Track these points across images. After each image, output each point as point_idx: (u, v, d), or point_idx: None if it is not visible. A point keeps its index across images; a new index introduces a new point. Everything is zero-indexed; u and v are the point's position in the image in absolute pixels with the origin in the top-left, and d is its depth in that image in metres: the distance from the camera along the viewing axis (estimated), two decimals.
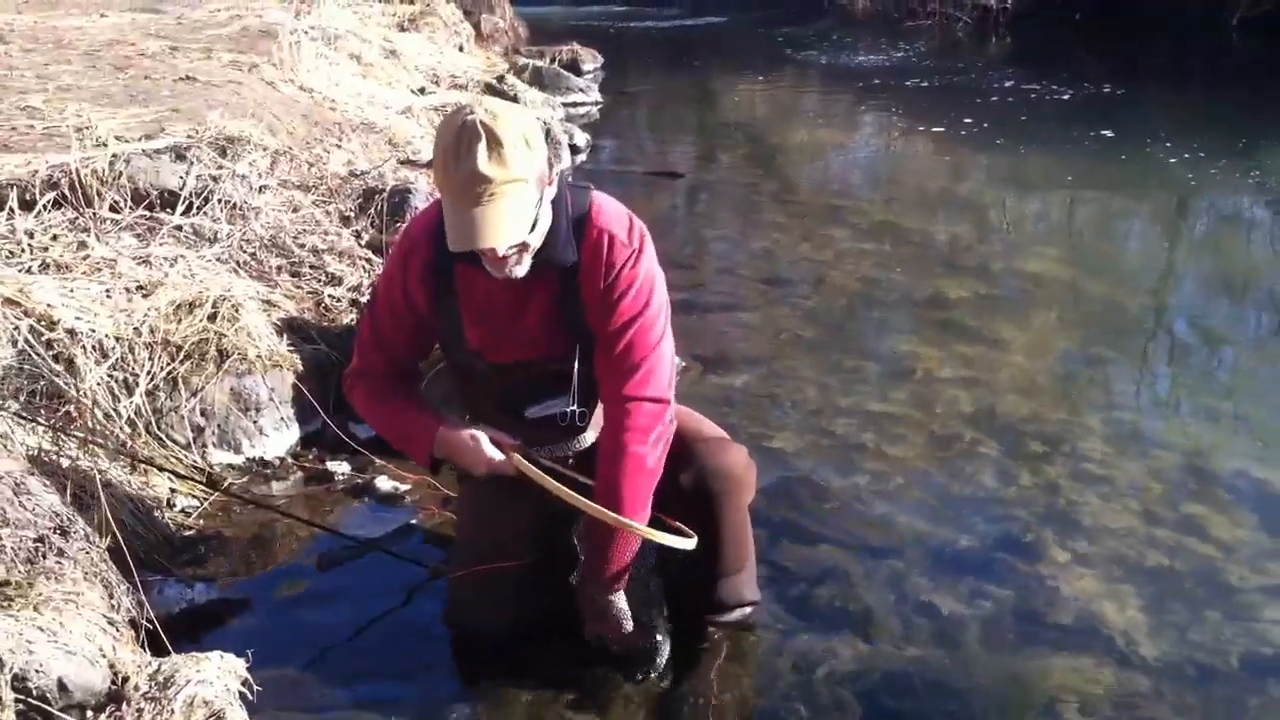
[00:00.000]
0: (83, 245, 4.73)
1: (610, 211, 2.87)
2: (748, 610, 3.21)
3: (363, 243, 5.45)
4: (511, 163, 2.52)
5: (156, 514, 3.79)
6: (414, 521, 3.97)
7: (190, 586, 3.44)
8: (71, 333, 4.19)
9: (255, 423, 4.40)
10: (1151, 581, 3.65)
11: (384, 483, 4.17)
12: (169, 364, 4.32)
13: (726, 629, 3.23)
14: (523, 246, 2.68)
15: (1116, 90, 14.76)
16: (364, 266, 5.28)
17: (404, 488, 4.16)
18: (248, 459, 4.38)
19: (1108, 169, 10.13)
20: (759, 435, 4.64)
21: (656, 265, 2.90)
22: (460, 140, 2.52)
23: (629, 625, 2.97)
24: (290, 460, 4.43)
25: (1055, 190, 9.62)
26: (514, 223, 2.59)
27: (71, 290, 4.39)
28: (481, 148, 2.50)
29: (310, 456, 4.46)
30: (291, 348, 4.60)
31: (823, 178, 10.75)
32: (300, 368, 4.56)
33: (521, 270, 2.75)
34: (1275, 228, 8.56)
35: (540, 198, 2.66)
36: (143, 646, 2.75)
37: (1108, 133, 11.52)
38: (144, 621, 2.85)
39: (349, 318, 4.94)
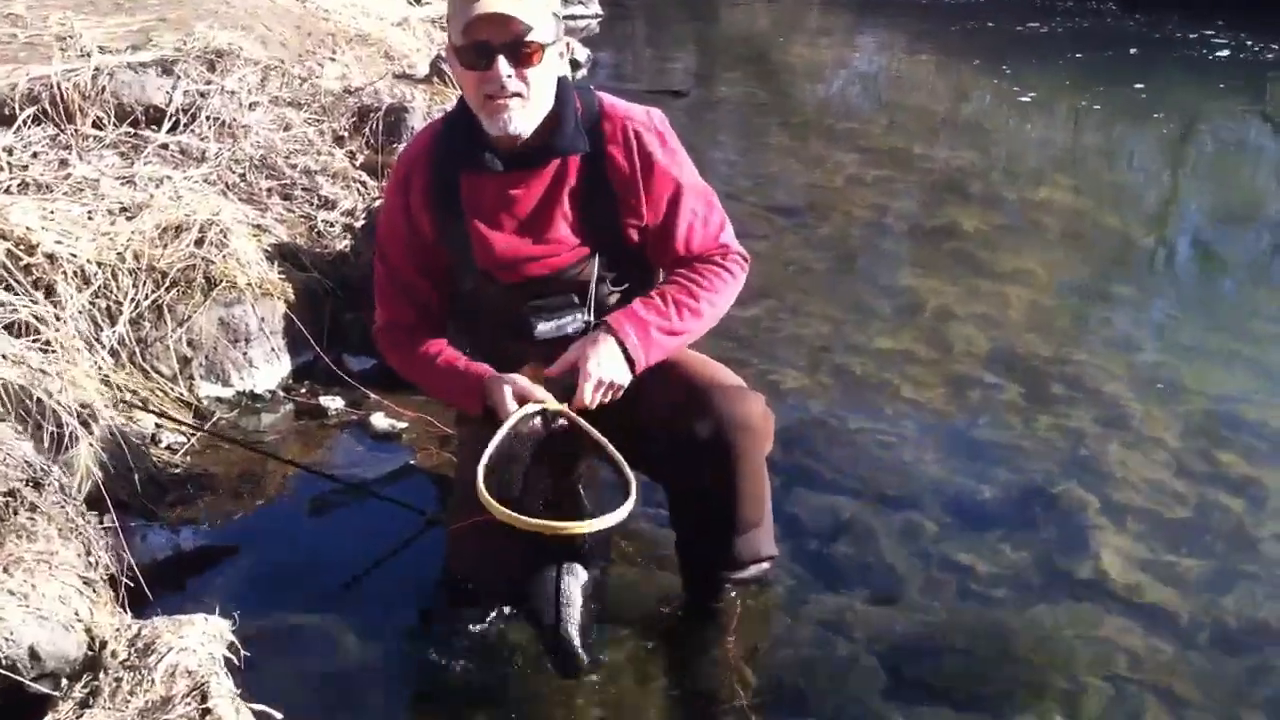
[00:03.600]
0: (64, 164, 4.51)
1: (623, 103, 2.78)
2: (765, 566, 3.04)
3: (357, 164, 5.22)
4: None
5: (141, 452, 3.59)
6: (412, 462, 3.80)
7: (176, 532, 3.27)
8: (51, 257, 3.97)
9: (244, 354, 4.21)
10: (1181, 537, 3.49)
11: (380, 420, 3.99)
12: (154, 291, 4.11)
13: (742, 586, 3.07)
14: (523, 77, 2.53)
15: (1132, 16, 14.40)
16: (359, 190, 5.06)
17: (401, 425, 3.98)
18: (237, 392, 4.20)
19: (1120, 93, 9.86)
20: (767, 372, 4.47)
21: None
22: None
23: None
24: (281, 394, 4.25)
25: (1064, 115, 9.40)
26: (530, 6, 2.48)
27: (51, 212, 4.17)
28: None
29: (302, 390, 4.28)
30: (283, 275, 4.39)
31: (826, 98, 10.50)
32: (292, 296, 4.36)
33: (521, 124, 2.58)
34: None
35: (555, 38, 2.56)
36: (123, 605, 2.58)
37: (1120, 56, 11.21)
38: (124, 576, 2.67)
39: (343, 243, 4.72)
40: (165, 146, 4.80)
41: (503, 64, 2.49)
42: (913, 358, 4.69)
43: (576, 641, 2.49)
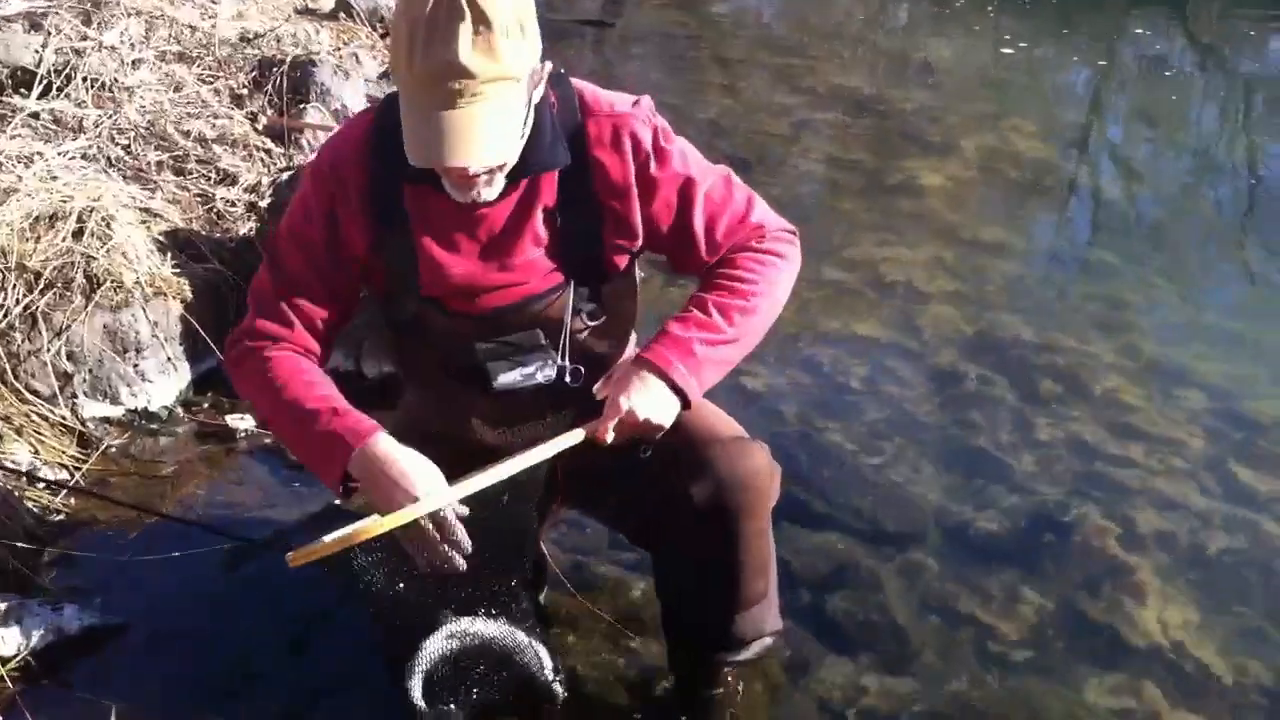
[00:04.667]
0: None
1: (606, 95, 2.23)
2: (768, 642, 2.60)
3: (259, 127, 4.60)
4: (502, 53, 1.87)
5: (12, 500, 3.04)
6: (337, 501, 3.25)
7: (58, 610, 2.71)
8: None
9: (136, 366, 3.64)
10: (1216, 573, 3.13)
11: None
12: (25, 296, 3.52)
13: (741, 665, 2.62)
14: (499, 166, 2.04)
15: None
16: (262, 160, 4.45)
17: None
18: (128, 411, 3.64)
19: (1054, 28, 9.45)
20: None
21: None
22: (435, 18, 1.84)
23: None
24: (180, 411, 3.69)
25: (1023, 52, 8.92)
26: (498, 134, 1.95)
27: None
28: (464, 30, 1.83)
29: (205, 406, 3.73)
30: (177, 269, 3.81)
31: (762, 27, 9.92)
32: (189, 295, 3.78)
33: (492, 192, 2.10)
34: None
35: (529, 101, 2.02)
36: None
37: None
38: None
39: (246, 227, 4.14)
40: (36, 116, 4.16)
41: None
42: (888, 348, 4.26)
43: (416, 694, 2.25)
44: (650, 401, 2.16)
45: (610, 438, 2.16)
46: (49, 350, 3.50)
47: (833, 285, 4.74)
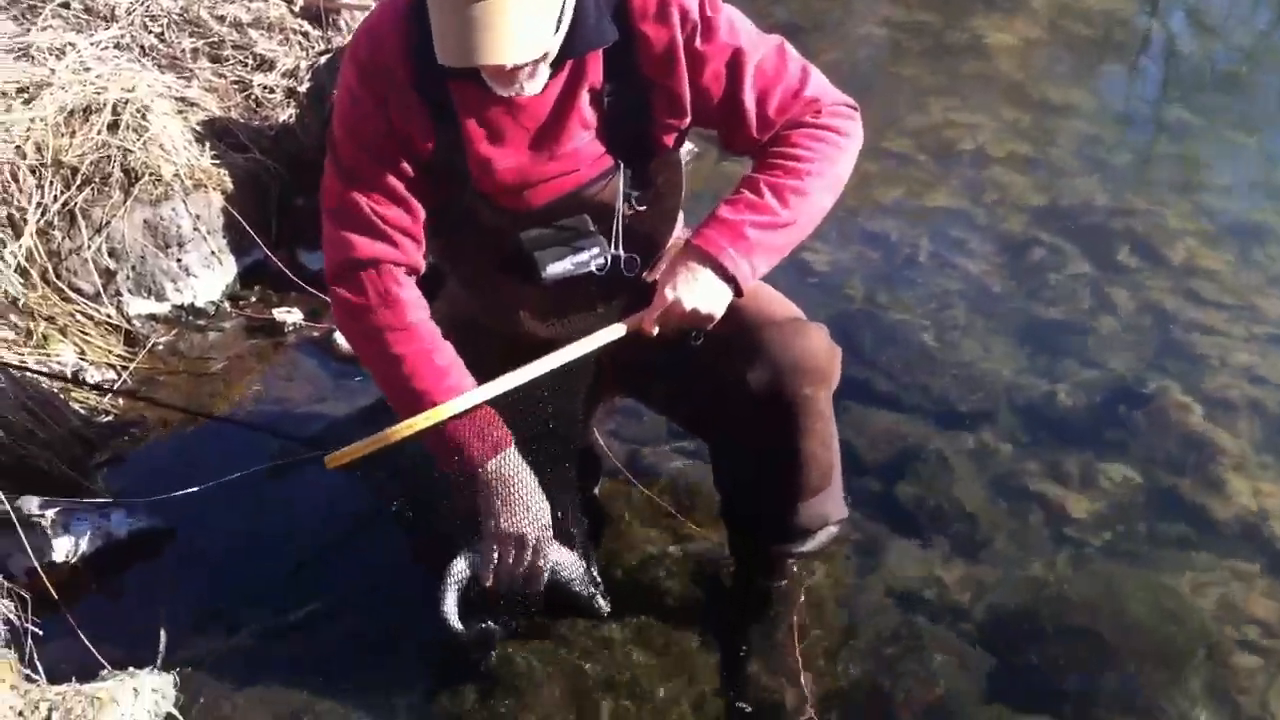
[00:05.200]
0: None
1: None
2: (833, 531, 2.51)
3: (296, 9, 4.43)
4: None
5: (59, 401, 2.98)
6: None
7: (105, 515, 2.67)
8: None
9: (179, 261, 3.56)
10: None
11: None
12: (63, 192, 3.44)
13: (805, 556, 2.52)
14: (542, 55, 1.89)
15: None
16: (299, 43, 4.28)
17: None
18: (174, 307, 3.57)
19: None
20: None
21: None
22: None
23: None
24: (228, 306, 3.61)
25: None
26: (533, 25, 1.80)
27: None
28: None
29: (253, 300, 3.65)
30: (217, 159, 3.70)
31: None
32: (230, 185, 3.68)
33: (536, 85, 1.98)
34: None
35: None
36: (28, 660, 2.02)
37: None
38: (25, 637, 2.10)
39: (286, 113, 4.01)
40: (66, 5, 4.02)
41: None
42: (955, 218, 4.07)
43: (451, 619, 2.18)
44: (699, 290, 2.03)
45: (656, 330, 2.06)
46: (90, 247, 3.42)
47: (896, 155, 4.52)
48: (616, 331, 2.06)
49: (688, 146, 2.54)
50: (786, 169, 2.07)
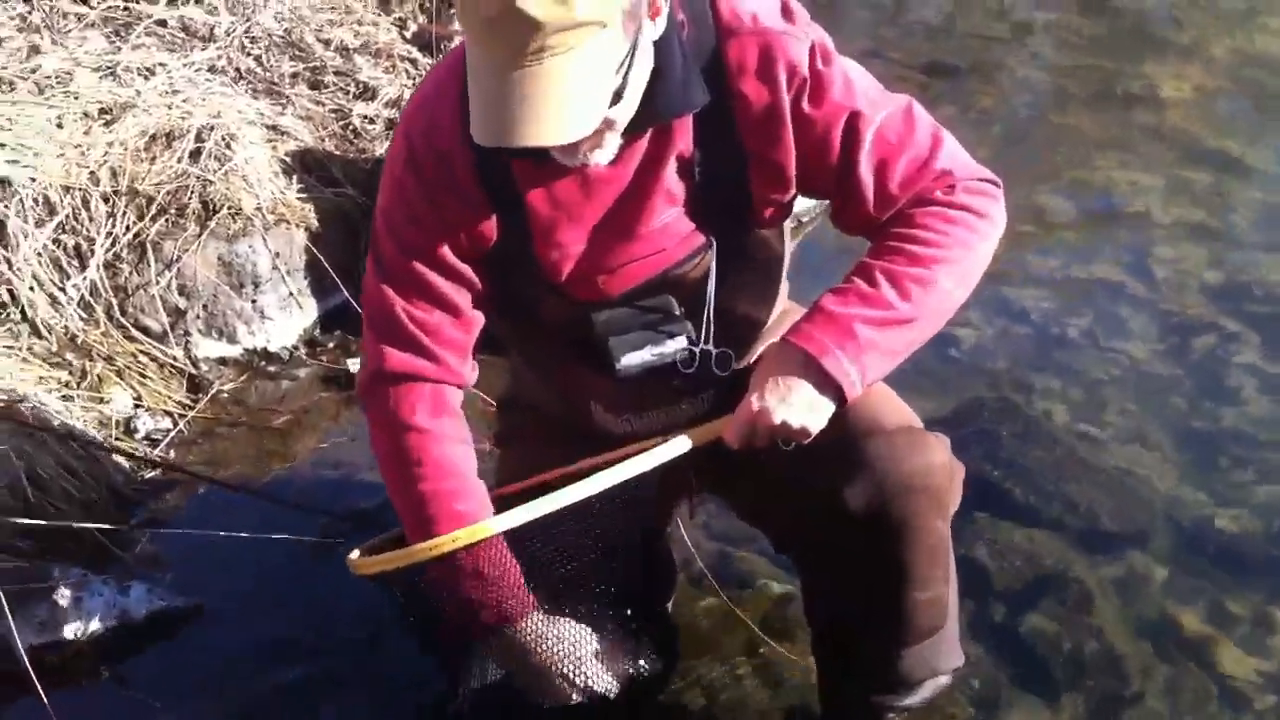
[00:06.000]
0: (35, 51, 3.57)
1: (747, 4, 1.69)
2: (944, 682, 2.09)
3: (407, 35, 4.19)
4: None
5: (102, 455, 2.74)
6: None
7: (125, 591, 2.41)
8: (3, 182, 3.09)
9: (254, 302, 3.32)
10: None
11: None
12: (136, 223, 3.22)
13: (907, 711, 2.12)
14: (606, 124, 1.54)
15: None
16: (406, 70, 4.02)
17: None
18: (245, 351, 3.33)
19: None
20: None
21: None
22: None
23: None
24: (303, 352, 3.35)
25: None
26: (581, 97, 1.47)
27: (10, 120, 3.26)
28: None
29: (330, 347, 3.38)
30: (303, 193, 3.46)
31: None
32: (315, 223, 3.42)
33: (605, 154, 1.62)
34: None
35: (633, 47, 1.52)
36: None
37: None
38: None
39: (384, 146, 3.74)
40: (163, 23, 3.82)
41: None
42: (1115, 291, 3.62)
43: None
44: (794, 400, 1.67)
45: (735, 439, 1.72)
46: (159, 284, 3.20)
47: (1051, 214, 4.08)
48: (681, 446, 1.72)
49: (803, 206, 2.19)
50: (909, 255, 1.68)
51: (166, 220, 3.24)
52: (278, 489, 2.78)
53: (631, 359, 1.80)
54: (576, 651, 1.83)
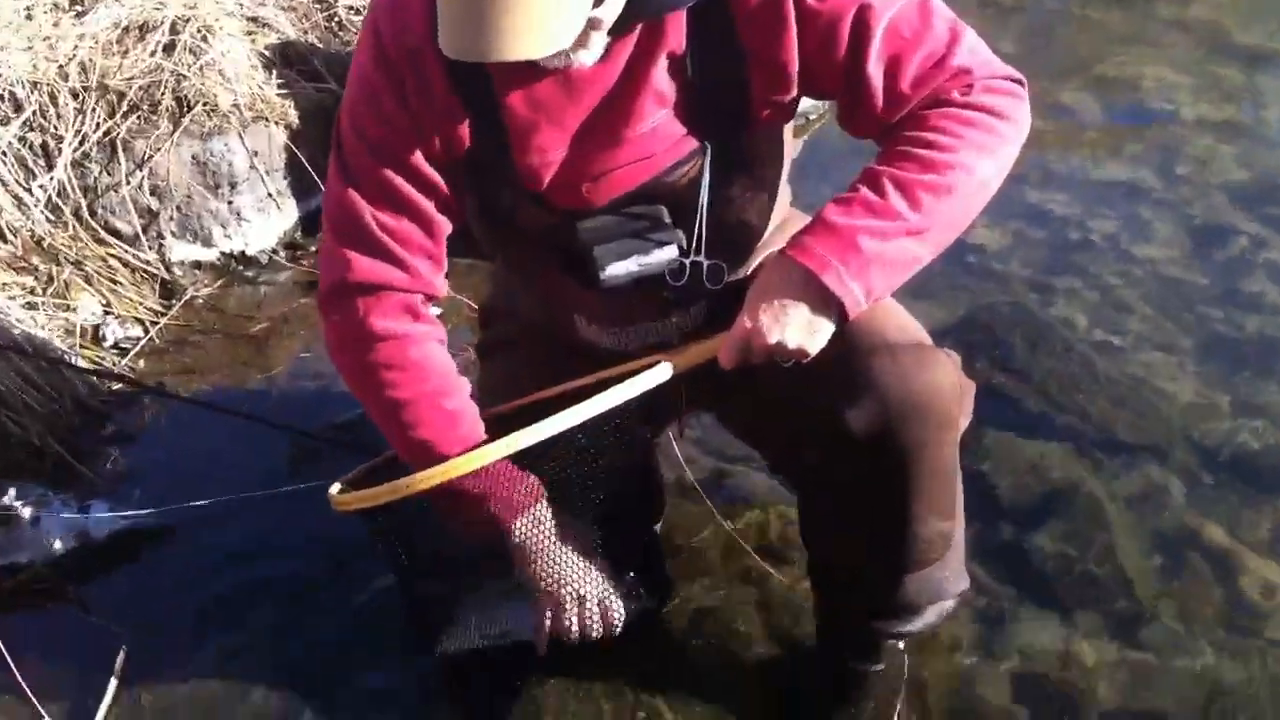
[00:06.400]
0: None
1: None
2: (948, 607, 1.96)
3: None
4: None
5: (67, 366, 2.61)
6: None
7: (85, 510, 2.31)
8: None
9: (230, 203, 3.17)
10: None
11: None
12: (106, 120, 3.06)
13: (911, 636, 2.00)
14: (592, 23, 1.41)
15: None
16: None
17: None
18: (222, 255, 3.19)
19: None
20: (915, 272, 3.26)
21: None
22: None
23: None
24: (283, 256, 3.20)
25: None
26: (560, 4, 1.33)
27: None
28: None
29: (312, 250, 3.23)
30: (283, 89, 3.29)
31: None
32: (295, 120, 3.26)
33: (591, 55, 1.50)
34: None
35: None
36: None
37: None
38: None
39: None
40: None
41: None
42: (1138, 192, 3.44)
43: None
44: (790, 319, 1.53)
45: (734, 363, 1.59)
46: (130, 184, 3.04)
47: (1073, 113, 3.89)
48: (664, 373, 1.59)
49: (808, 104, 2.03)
50: (921, 160, 1.51)
51: (138, 117, 3.09)
52: (253, 402, 2.66)
53: (617, 269, 1.65)
54: (583, 560, 1.75)
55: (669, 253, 1.66)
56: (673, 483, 2.37)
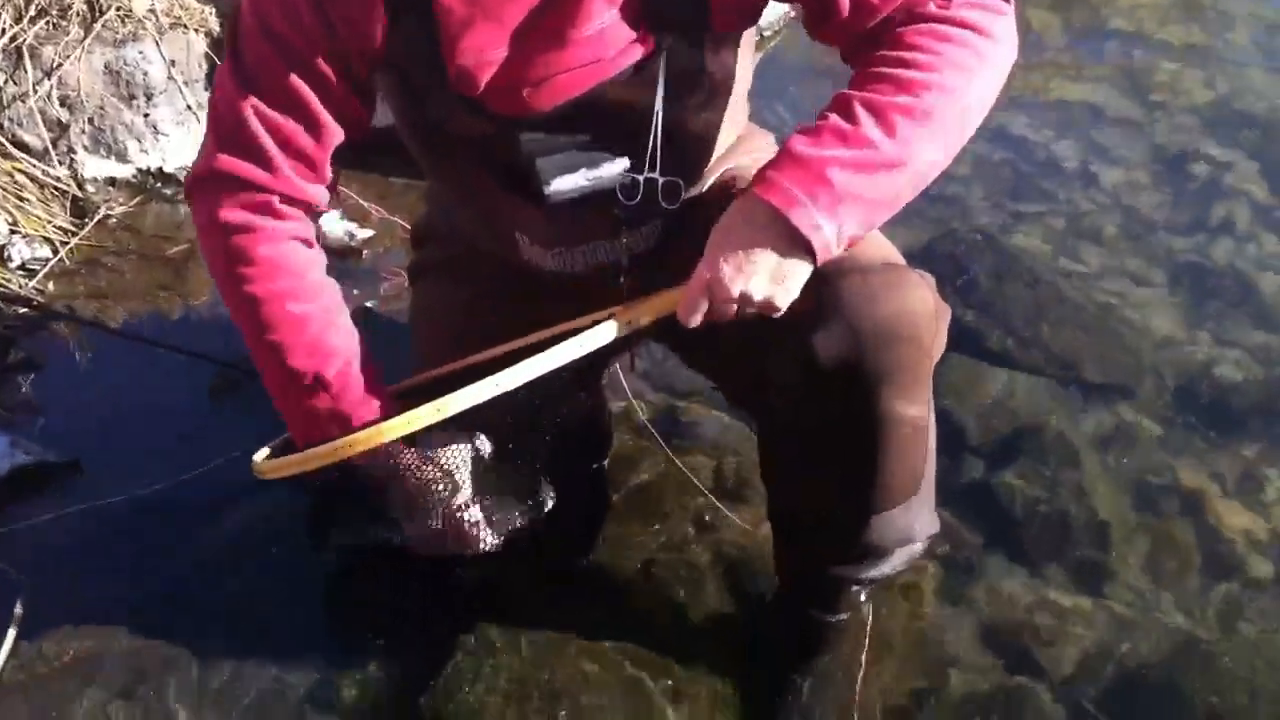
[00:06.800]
0: None
1: None
2: (917, 550, 1.83)
3: None
4: None
5: None
6: (369, 305, 2.56)
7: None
8: None
9: (146, 116, 2.96)
10: None
11: (333, 223, 2.73)
12: (12, 26, 2.84)
13: (877, 583, 1.88)
14: None
15: None
16: None
17: (362, 234, 2.74)
18: (138, 171, 2.99)
19: None
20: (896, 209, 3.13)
21: None
22: None
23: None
24: None
25: None
26: None
27: None
28: None
29: None
30: None
31: None
32: (216, 27, 3.05)
33: None
34: None
35: None
36: None
37: None
38: None
39: None
40: None
41: None
42: (1100, 115, 3.33)
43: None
44: (754, 267, 1.38)
45: (695, 320, 1.44)
46: (37, 94, 2.82)
47: (1036, 30, 3.74)
48: (608, 333, 1.47)
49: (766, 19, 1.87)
50: (896, 82, 1.36)
51: (47, 23, 2.87)
52: (170, 329, 2.49)
53: (562, 183, 1.51)
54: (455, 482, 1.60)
55: (620, 165, 1.52)
56: (620, 417, 2.23)
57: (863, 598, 1.89)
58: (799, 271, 1.38)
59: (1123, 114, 3.31)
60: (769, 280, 1.37)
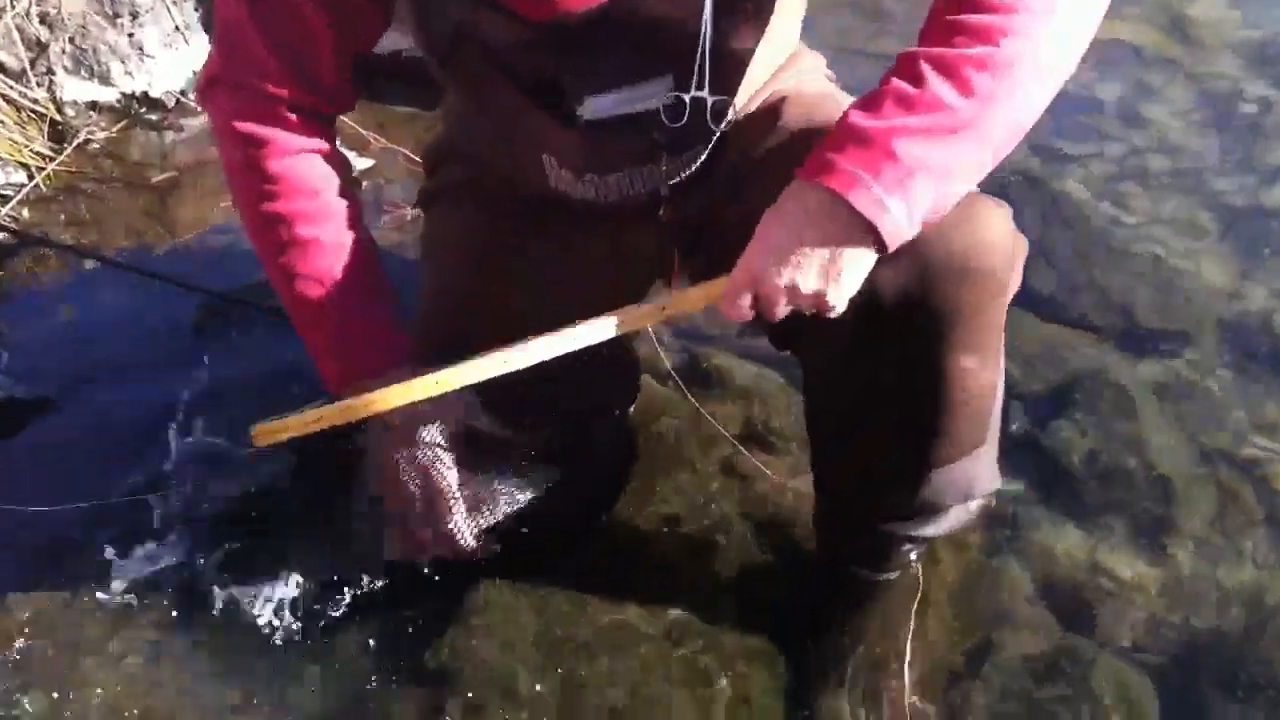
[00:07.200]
0: None
1: None
2: (975, 507, 1.69)
3: None
4: None
5: None
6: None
7: None
8: None
9: (131, 36, 2.81)
10: None
11: None
12: None
13: (929, 542, 1.75)
14: None
15: None
16: None
17: (361, 164, 2.57)
18: (122, 95, 2.84)
19: None
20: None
21: None
22: None
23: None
24: (190, 98, 2.84)
25: None
26: None
27: None
28: None
29: None
30: None
31: None
32: None
33: None
34: None
35: None
36: None
37: None
38: None
39: None
40: None
41: None
42: (1144, 55, 3.15)
43: None
44: (805, 258, 1.22)
45: (740, 315, 1.30)
46: (14, 9, 2.65)
47: None
48: (655, 314, 1.38)
49: None
50: (967, 29, 1.16)
51: None
52: (153, 258, 2.35)
53: (599, 102, 1.38)
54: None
55: (664, 84, 1.36)
56: (644, 363, 2.08)
57: (913, 556, 1.75)
58: (859, 262, 1.21)
59: (1164, 54, 3.14)
60: (817, 274, 1.21)
